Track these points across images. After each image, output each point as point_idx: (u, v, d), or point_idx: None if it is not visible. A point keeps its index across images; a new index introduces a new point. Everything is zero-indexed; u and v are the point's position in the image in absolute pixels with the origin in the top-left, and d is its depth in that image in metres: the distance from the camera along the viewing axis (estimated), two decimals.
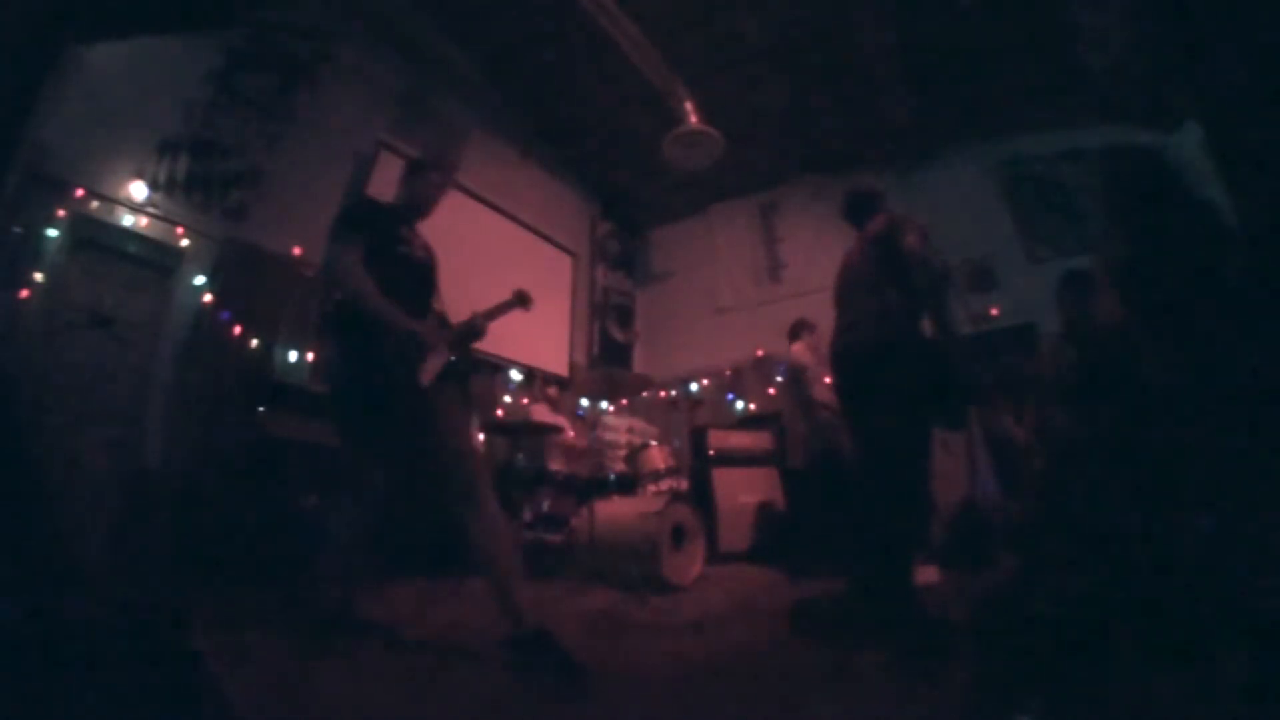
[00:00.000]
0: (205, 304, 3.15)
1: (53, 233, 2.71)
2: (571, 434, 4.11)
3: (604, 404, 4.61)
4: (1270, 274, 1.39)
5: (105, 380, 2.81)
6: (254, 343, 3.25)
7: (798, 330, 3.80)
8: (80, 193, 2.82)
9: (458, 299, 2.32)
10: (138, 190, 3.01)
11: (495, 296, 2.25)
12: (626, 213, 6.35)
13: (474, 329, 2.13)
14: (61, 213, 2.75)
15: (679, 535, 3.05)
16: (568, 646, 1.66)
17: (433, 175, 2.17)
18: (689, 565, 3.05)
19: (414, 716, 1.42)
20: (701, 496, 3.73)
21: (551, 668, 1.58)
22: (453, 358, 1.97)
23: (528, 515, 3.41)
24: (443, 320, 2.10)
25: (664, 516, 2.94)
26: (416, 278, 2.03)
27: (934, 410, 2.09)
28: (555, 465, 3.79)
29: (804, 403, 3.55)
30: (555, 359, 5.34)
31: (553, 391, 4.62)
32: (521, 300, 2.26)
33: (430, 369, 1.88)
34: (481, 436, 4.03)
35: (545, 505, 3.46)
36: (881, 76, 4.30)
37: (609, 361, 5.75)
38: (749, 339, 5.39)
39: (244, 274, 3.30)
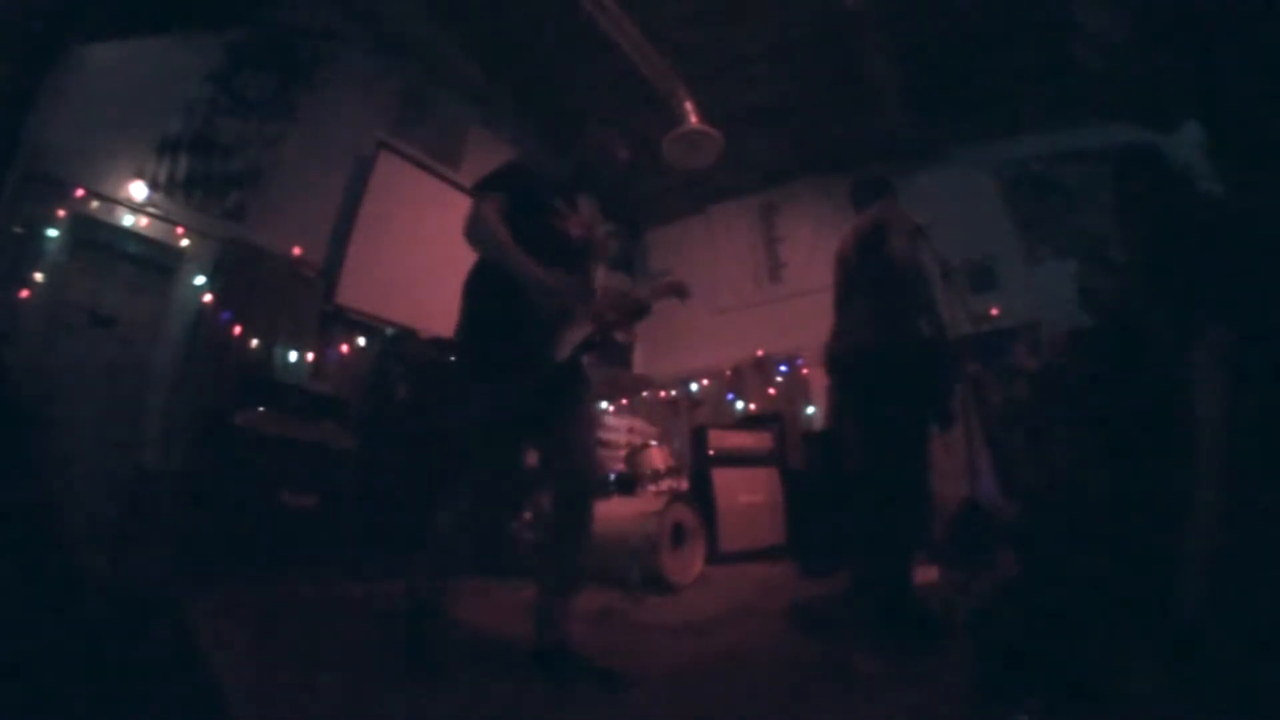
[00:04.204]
0: (205, 304, 3.15)
1: (53, 233, 2.71)
2: None
3: (604, 404, 4.60)
4: (1271, 274, 1.39)
5: (105, 380, 2.81)
6: (254, 343, 3.26)
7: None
8: (80, 193, 2.82)
9: (453, 298, 2.31)
10: (138, 190, 3.01)
11: None
12: (626, 213, 6.35)
13: (640, 306, 1.90)
14: (61, 213, 2.75)
15: (679, 535, 3.05)
16: (590, 656, 1.66)
17: (607, 144, 1.89)
18: (689, 565, 3.05)
19: (415, 717, 1.42)
20: (701, 496, 3.73)
21: (581, 678, 1.57)
22: (595, 334, 1.74)
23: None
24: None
25: (664, 516, 2.94)
26: (564, 254, 1.74)
27: (927, 411, 2.10)
28: None
29: None
30: None
31: None
32: (679, 291, 2.03)
33: (569, 341, 1.67)
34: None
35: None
36: (882, 76, 4.30)
37: (609, 361, 5.74)
38: (749, 339, 5.39)
39: (244, 274, 3.30)
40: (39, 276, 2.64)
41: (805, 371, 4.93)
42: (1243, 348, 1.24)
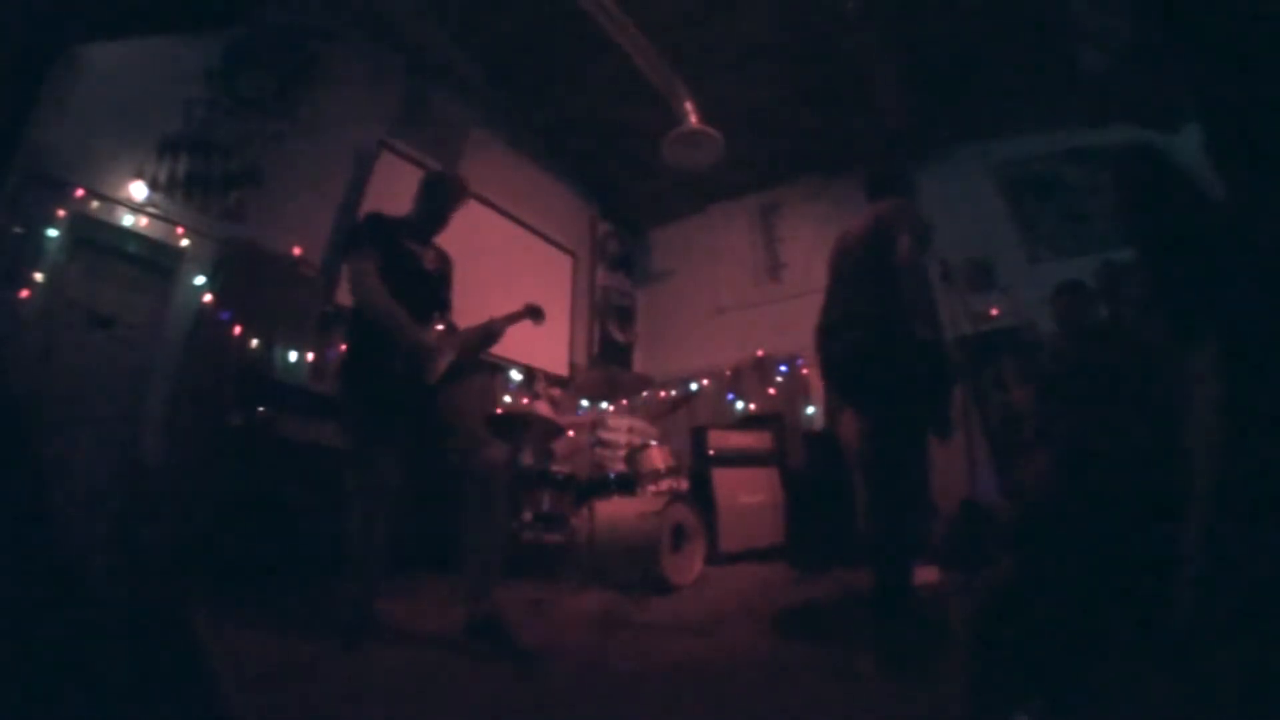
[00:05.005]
0: (205, 304, 3.15)
1: (53, 233, 2.71)
2: (572, 434, 4.10)
3: (604, 404, 4.60)
4: (1271, 274, 1.39)
5: (105, 380, 2.81)
6: (254, 343, 3.25)
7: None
8: (80, 193, 2.82)
9: (458, 299, 2.33)
10: (138, 190, 3.01)
11: (496, 296, 2.27)
12: (626, 213, 6.35)
13: (491, 333, 2.23)
14: (61, 213, 2.75)
15: (679, 535, 3.06)
16: (516, 633, 1.81)
17: (445, 191, 2.25)
18: (689, 565, 3.05)
19: (415, 716, 1.42)
20: (701, 496, 3.73)
21: (504, 653, 1.74)
22: (458, 358, 2.05)
23: (527, 515, 3.40)
24: (451, 326, 2.17)
25: (664, 516, 2.94)
26: (423, 288, 2.12)
27: (925, 415, 2.08)
28: (555, 465, 3.78)
29: None
30: (555, 359, 5.34)
31: (556, 393, 4.62)
32: (534, 314, 2.37)
33: (436, 369, 1.96)
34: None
35: (545, 505, 3.46)
36: (882, 76, 4.30)
37: (609, 361, 5.74)
38: (749, 339, 5.39)
39: (244, 274, 3.30)
40: (39, 276, 2.63)
41: (805, 371, 4.92)
42: (1241, 351, 1.24)
